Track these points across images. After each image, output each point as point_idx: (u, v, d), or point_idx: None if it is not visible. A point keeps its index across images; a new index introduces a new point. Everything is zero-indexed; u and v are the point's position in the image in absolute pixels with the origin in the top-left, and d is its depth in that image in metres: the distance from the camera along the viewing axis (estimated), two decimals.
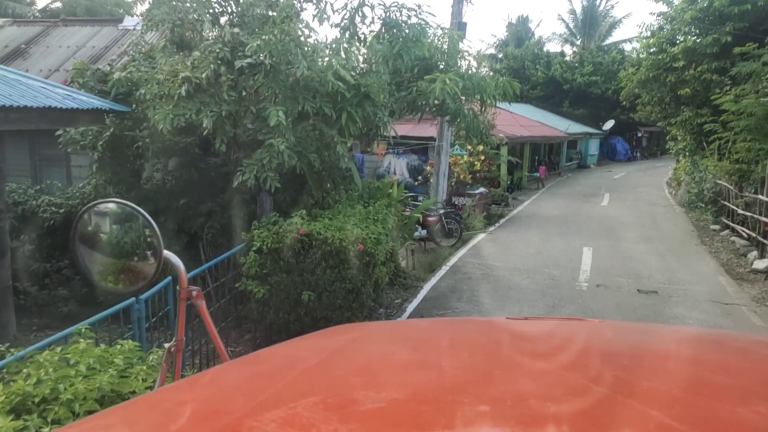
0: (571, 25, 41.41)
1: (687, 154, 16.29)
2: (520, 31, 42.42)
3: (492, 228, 13.11)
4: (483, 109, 9.03)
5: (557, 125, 27.38)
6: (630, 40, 38.76)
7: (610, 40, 39.98)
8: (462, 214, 11.74)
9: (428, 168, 14.74)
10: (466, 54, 9.11)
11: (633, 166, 32.59)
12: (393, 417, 0.77)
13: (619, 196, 19.42)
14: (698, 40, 13.64)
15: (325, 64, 6.31)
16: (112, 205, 1.62)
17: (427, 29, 8.19)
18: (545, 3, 79.42)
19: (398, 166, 19.29)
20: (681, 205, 16.91)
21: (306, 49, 6.12)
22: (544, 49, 38.52)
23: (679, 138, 15.26)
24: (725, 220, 12.95)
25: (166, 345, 1.55)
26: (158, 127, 5.71)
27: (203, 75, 5.72)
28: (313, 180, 7.36)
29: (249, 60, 5.76)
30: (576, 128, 28.96)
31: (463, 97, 8.71)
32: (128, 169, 8.15)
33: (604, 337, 1.31)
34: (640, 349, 1.19)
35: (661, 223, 14.12)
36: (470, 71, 8.87)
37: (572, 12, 41.55)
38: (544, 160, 25.77)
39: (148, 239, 1.47)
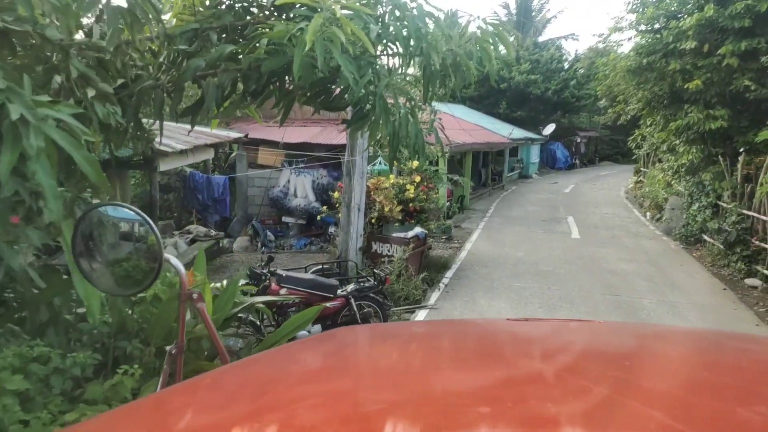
0: (505, 20, 37.94)
1: (683, 172, 12.20)
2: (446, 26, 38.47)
3: (435, 296, 8.11)
4: (429, 96, 4.03)
5: (498, 129, 23.18)
6: (566, 38, 36.04)
7: (543, 38, 36.96)
8: (385, 287, 6.61)
9: (336, 195, 9.55)
10: None
11: (576, 175, 29.20)
12: (393, 419, 0.75)
13: (586, 220, 15.24)
14: (721, 10, 9.44)
15: None
16: (113, 208, 1.59)
17: None
18: None
19: (300, 186, 13.92)
20: (670, 235, 12.88)
21: None
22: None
23: (680, 149, 11.13)
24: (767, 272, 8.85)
25: (167, 347, 1.52)
26: None
27: None
28: None
29: None
30: (518, 133, 24.97)
31: (382, 64, 3.62)
32: None
33: (604, 338, 1.28)
34: (640, 349, 1.17)
35: (670, 273, 9.80)
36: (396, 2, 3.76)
37: (506, 6, 38.21)
38: (487, 170, 21.45)
39: (149, 241, 1.48)
